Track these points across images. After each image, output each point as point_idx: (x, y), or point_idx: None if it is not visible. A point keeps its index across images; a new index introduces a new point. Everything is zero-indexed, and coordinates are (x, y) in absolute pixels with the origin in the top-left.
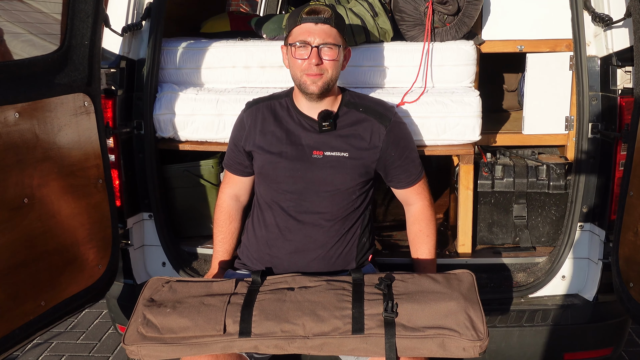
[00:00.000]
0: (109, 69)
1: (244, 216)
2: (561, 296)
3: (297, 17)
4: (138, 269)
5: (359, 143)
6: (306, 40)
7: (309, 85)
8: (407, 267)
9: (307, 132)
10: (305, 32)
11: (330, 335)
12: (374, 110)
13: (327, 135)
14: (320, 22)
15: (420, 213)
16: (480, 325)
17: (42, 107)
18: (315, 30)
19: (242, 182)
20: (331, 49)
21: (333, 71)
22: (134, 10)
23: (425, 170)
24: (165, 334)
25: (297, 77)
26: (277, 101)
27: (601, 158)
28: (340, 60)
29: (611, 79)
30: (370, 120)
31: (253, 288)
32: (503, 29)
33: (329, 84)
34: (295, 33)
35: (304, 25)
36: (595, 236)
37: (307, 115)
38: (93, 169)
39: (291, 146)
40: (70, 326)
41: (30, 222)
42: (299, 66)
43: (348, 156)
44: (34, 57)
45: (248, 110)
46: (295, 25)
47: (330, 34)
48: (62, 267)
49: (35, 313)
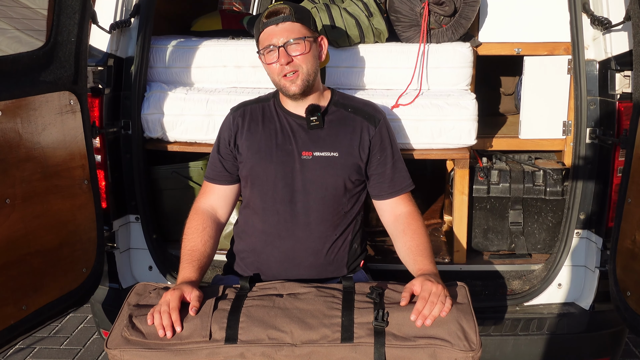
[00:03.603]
0: (96, 66)
1: (217, 235)
2: (557, 305)
3: (259, 24)
4: (124, 273)
5: (349, 142)
6: (271, 44)
7: (289, 87)
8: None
9: (296, 133)
10: (269, 36)
11: (318, 344)
12: (362, 111)
13: (316, 135)
14: (280, 21)
15: (407, 214)
16: (472, 336)
17: (26, 105)
18: (277, 31)
19: (223, 192)
20: (298, 44)
21: (307, 65)
22: (122, 6)
23: (420, 175)
24: (150, 339)
25: (276, 83)
26: (265, 103)
27: (599, 164)
28: (314, 52)
29: (610, 84)
30: (358, 120)
31: (241, 294)
32: (500, 31)
33: (307, 80)
34: (261, 40)
35: (266, 30)
36: (592, 243)
37: (295, 113)
38: (78, 169)
39: (280, 147)
40: (54, 331)
41: (12, 224)
42: (274, 71)
43: (338, 156)
44: (18, 54)
45: (235, 112)
46: (259, 33)
47: (292, 29)
48: (45, 270)
49: (16, 317)
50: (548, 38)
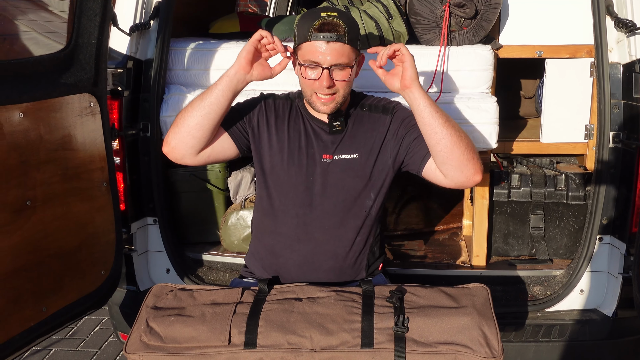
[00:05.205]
0: (116, 69)
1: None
2: (579, 311)
3: (308, 31)
4: (141, 275)
5: (368, 141)
6: (316, 61)
7: (319, 106)
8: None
9: (317, 136)
10: (316, 52)
11: (338, 349)
12: (377, 107)
13: (336, 138)
14: (332, 40)
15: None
16: (494, 342)
17: (47, 108)
18: (327, 50)
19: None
20: (343, 70)
21: (345, 90)
22: (142, 9)
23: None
24: (169, 344)
25: (307, 94)
26: (291, 102)
27: (622, 168)
28: (352, 76)
29: (634, 87)
30: (374, 115)
31: (259, 297)
32: (522, 34)
33: (341, 103)
34: (305, 50)
35: (314, 43)
36: (615, 249)
37: (317, 117)
38: (98, 171)
39: (303, 151)
40: (70, 333)
41: (32, 225)
42: (310, 85)
43: (358, 157)
44: (39, 56)
45: (267, 100)
46: (305, 40)
47: (342, 52)
48: (65, 272)
49: (36, 319)
50: (570, 41)
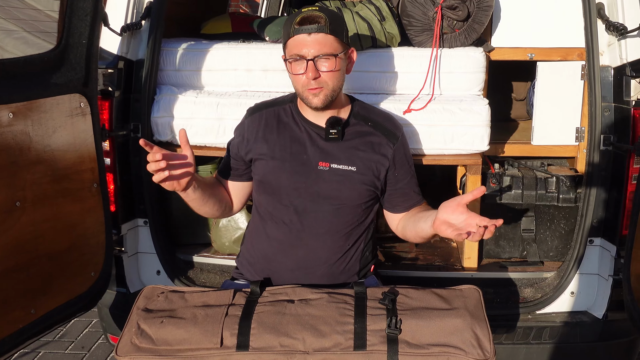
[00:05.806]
0: (107, 69)
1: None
2: (569, 313)
3: (290, 28)
4: (132, 277)
5: (367, 158)
6: (300, 54)
7: (311, 99)
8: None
9: (313, 141)
10: (299, 45)
11: (331, 351)
12: (382, 127)
13: (334, 147)
14: (314, 31)
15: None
16: (486, 344)
17: (37, 108)
18: (309, 41)
19: (231, 186)
20: (328, 60)
21: (334, 82)
22: (133, 9)
23: (429, 181)
24: (160, 346)
25: (299, 92)
26: (281, 107)
27: (612, 171)
28: (343, 67)
29: (625, 90)
30: (378, 135)
31: (252, 299)
32: (513, 36)
33: (331, 95)
34: (290, 46)
35: (297, 37)
36: (606, 251)
37: (314, 122)
38: (88, 172)
39: (295, 156)
40: (59, 335)
41: (21, 226)
42: (299, 81)
43: (356, 170)
44: (29, 56)
45: (250, 117)
46: (289, 37)
47: (325, 42)
48: (54, 274)
49: (25, 321)
50: (561, 43)
